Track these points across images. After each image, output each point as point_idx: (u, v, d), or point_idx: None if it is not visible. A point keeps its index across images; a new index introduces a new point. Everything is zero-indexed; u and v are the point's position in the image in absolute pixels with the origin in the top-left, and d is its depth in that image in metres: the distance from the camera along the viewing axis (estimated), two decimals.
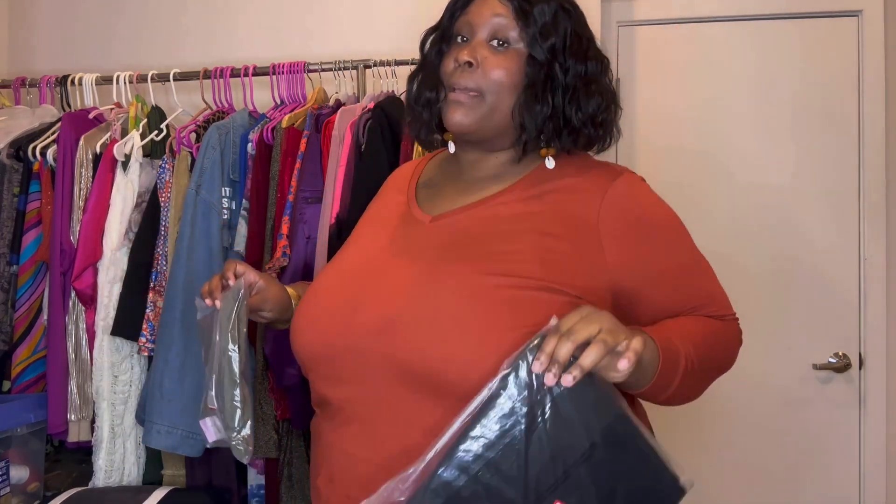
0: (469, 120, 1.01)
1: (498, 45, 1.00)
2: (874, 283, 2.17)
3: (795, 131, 2.22)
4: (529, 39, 0.99)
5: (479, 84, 0.99)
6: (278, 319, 1.16)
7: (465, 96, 1.00)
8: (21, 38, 2.46)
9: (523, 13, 0.99)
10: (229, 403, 1.03)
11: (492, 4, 1.01)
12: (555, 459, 0.81)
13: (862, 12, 2.18)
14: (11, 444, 1.73)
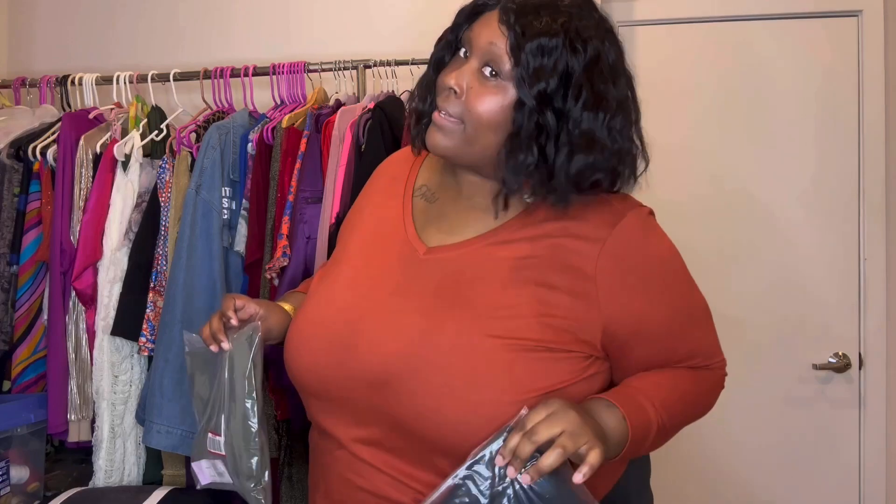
0: (446, 144, 0.94)
1: (490, 75, 0.90)
2: (874, 283, 2.17)
3: (795, 131, 2.22)
4: (518, 79, 0.87)
5: (460, 113, 0.92)
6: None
7: (447, 121, 0.93)
8: (21, 38, 2.46)
9: (516, 48, 0.87)
10: (246, 451, 1.00)
11: (491, 29, 0.90)
12: None
13: (862, 12, 2.18)
14: (11, 444, 1.73)
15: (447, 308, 0.94)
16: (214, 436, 1.03)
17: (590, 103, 0.88)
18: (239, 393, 1.00)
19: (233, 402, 1.00)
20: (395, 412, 0.92)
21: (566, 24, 0.87)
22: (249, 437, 1.00)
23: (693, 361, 1.04)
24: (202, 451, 1.04)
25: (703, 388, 1.06)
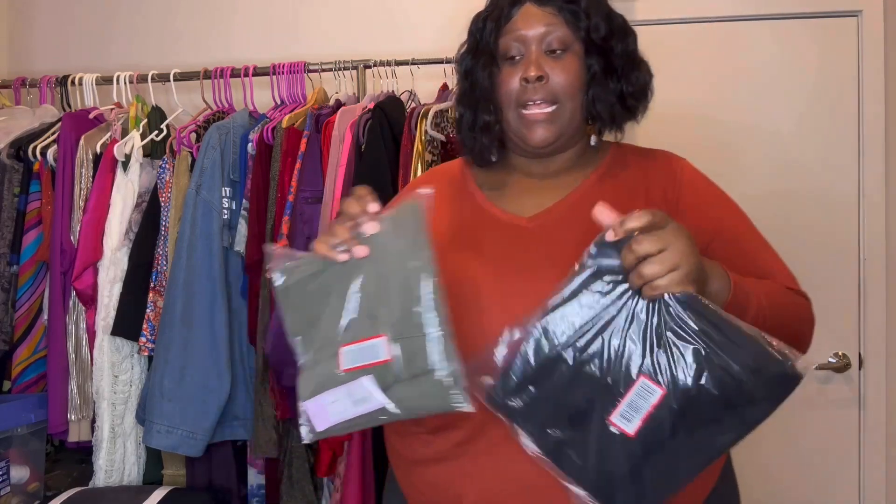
0: (551, 133, 1.02)
1: (556, 53, 1.01)
2: (874, 283, 2.17)
3: (795, 131, 2.22)
4: (584, 35, 1.02)
5: (553, 94, 1.01)
6: None
7: (542, 112, 1.01)
8: (21, 38, 2.46)
9: (572, 14, 1.01)
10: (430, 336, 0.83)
11: (537, 16, 1.01)
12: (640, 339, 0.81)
13: (862, 12, 2.18)
14: (12, 444, 1.73)
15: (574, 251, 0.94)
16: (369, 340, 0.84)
17: (622, 34, 1.05)
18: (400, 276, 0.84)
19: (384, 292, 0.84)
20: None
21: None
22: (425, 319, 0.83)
23: (778, 279, 1.04)
24: (323, 382, 0.85)
25: (799, 302, 1.03)
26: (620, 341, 0.81)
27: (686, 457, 0.83)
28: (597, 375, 0.82)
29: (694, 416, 0.81)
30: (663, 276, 0.78)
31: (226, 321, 1.72)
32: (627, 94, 1.05)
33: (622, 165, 1.08)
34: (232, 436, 1.77)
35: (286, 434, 1.77)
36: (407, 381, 0.83)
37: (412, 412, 0.86)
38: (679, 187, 1.04)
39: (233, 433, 1.77)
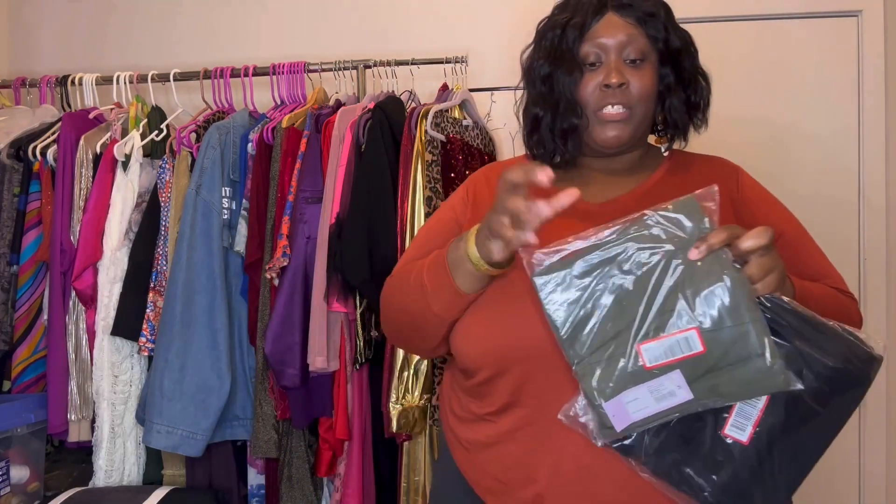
0: (625, 134, 1.06)
1: (634, 62, 1.06)
2: (874, 283, 2.17)
3: (795, 131, 2.22)
4: (661, 46, 1.08)
5: (629, 101, 1.05)
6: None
7: (619, 114, 1.05)
8: (21, 38, 2.46)
9: (650, 26, 1.07)
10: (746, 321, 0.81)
11: (619, 25, 1.06)
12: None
13: (862, 12, 2.18)
14: (12, 444, 1.73)
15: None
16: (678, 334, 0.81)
17: (689, 48, 1.12)
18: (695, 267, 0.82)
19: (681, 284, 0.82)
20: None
21: (657, 2, 1.11)
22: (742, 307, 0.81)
23: (830, 282, 1.09)
24: (622, 380, 0.82)
25: (848, 305, 1.08)
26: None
27: (799, 451, 0.86)
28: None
29: (799, 412, 0.84)
30: (762, 279, 0.84)
31: (226, 321, 1.72)
32: (693, 105, 1.12)
33: (683, 168, 1.14)
34: (232, 436, 1.77)
35: (286, 434, 1.77)
36: (722, 371, 0.82)
37: (727, 399, 0.84)
38: (740, 191, 1.10)
39: (233, 433, 1.77)
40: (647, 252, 0.83)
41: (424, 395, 1.68)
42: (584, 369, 0.85)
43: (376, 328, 1.70)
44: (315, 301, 1.68)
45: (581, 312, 0.84)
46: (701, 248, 0.82)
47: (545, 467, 0.97)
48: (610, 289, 0.84)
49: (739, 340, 0.81)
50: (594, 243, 0.84)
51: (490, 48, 2.19)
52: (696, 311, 0.81)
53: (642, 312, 0.83)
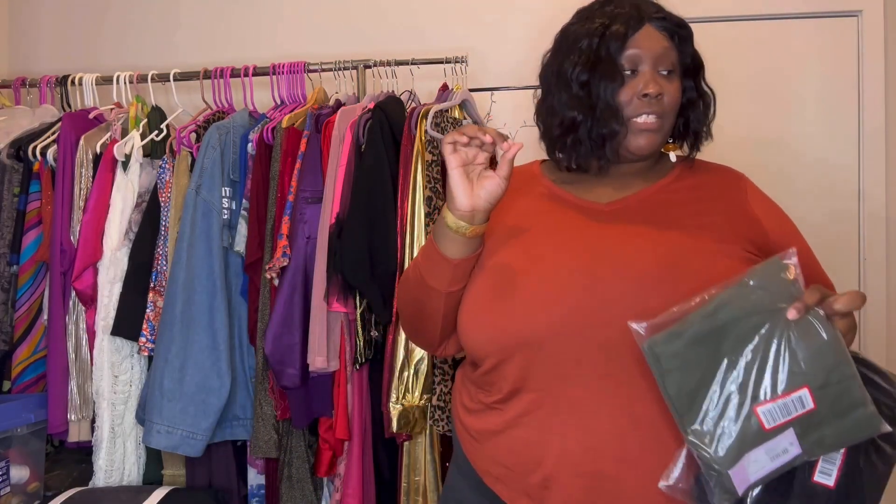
0: (655, 144, 1.09)
1: (667, 74, 1.10)
2: (874, 283, 2.17)
3: (795, 131, 2.22)
4: (685, 61, 1.12)
5: (662, 111, 1.08)
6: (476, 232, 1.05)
7: (652, 122, 1.08)
8: (21, 38, 2.46)
9: (680, 40, 1.11)
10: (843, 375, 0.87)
11: (655, 37, 1.10)
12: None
13: (862, 12, 2.18)
14: (12, 444, 1.73)
15: (668, 230, 1.04)
16: (791, 394, 0.86)
17: (702, 66, 1.16)
18: (791, 327, 0.86)
19: (781, 346, 0.86)
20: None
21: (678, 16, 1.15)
22: (843, 361, 0.87)
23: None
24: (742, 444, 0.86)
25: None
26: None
27: (874, 490, 0.92)
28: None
29: (873, 451, 0.91)
30: (847, 334, 0.90)
31: (226, 321, 1.72)
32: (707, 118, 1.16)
33: (691, 174, 1.15)
34: (232, 436, 1.77)
35: (286, 434, 1.77)
36: (828, 423, 0.87)
37: (829, 450, 0.89)
38: (748, 201, 1.12)
39: (233, 433, 1.77)
40: (750, 317, 0.88)
41: (424, 395, 1.68)
42: (701, 438, 0.88)
43: (376, 328, 1.70)
44: (315, 301, 1.68)
45: (692, 381, 0.88)
46: (799, 307, 0.86)
47: (552, 450, 0.99)
48: (718, 356, 0.88)
49: (844, 394, 0.87)
50: (700, 313, 0.89)
51: (490, 48, 2.20)
52: (805, 369, 0.86)
53: (755, 376, 0.87)
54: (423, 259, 1.10)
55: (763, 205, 1.13)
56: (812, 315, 0.87)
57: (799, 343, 0.87)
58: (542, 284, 1.01)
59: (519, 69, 2.19)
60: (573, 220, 1.08)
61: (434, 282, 1.08)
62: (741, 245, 1.03)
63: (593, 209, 1.09)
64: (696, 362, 0.88)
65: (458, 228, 1.02)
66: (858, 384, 0.87)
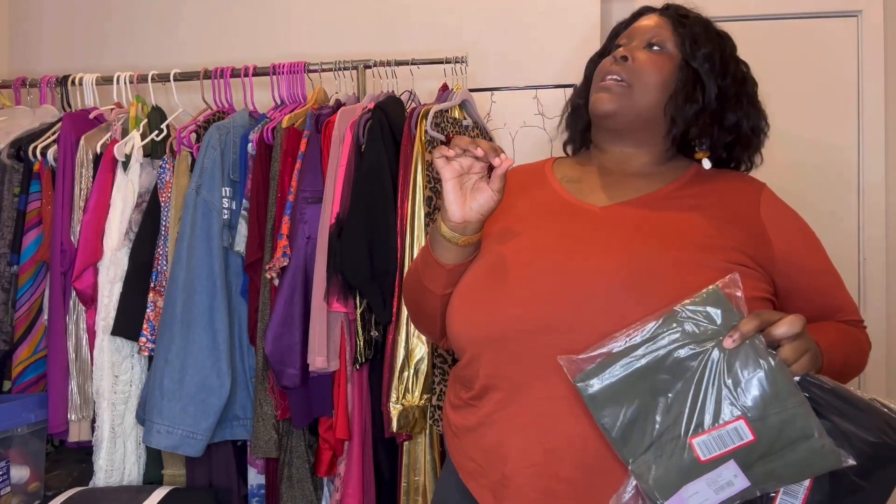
0: (612, 105, 1.08)
1: (653, 49, 1.10)
2: (874, 283, 2.17)
3: (795, 131, 2.22)
4: (682, 45, 1.09)
5: (628, 75, 1.07)
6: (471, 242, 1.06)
7: (612, 83, 1.08)
8: (21, 38, 2.46)
9: (679, 23, 1.11)
10: (790, 407, 0.84)
11: (653, 20, 1.13)
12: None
13: (862, 12, 2.18)
14: (12, 444, 1.73)
15: (647, 237, 1.01)
16: (727, 426, 0.84)
17: (744, 76, 1.14)
18: (729, 356, 0.86)
19: (716, 376, 0.86)
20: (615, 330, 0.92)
21: (709, 23, 1.15)
22: (784, 391, 0.84)
23: (845, 315, 1.12)
24: (679, 476, 0.86)
25: (860, 339, 1.13)
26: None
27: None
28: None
29: (844, 487, 0.86)
30: (797, 361, 0.87)
31: (226, 321, 1.72)
32: (724, 118, 1.11)
33: (704, 180, 1.11)
34: (232, 436, 1.78)
35: (286, 434, 1.77)
36: (775, 455, 0.85)
37: (783, 482, 0.87)
38: (760, 211, 1.07)
39: (233, 433, 1.77)
40: (684, 348, 0.87)
41: (424, 395, 1.68)
42: (641, 468, 0.88)
43: (376, 328, 1.70)
44: (315, 301, 1.68)
45: (628, 413, 0.88)
46: (735, 336, 0.85)
47: (513, 450, 0.99)
48: (653, 387, 0.87)
49: (787, 425, 0.84)
50: (630, 344, 0.88)
51: (490, 48, 2.20)
52: (740, 400, 0.85)
53: (689, 407, 0.86)
54: (420, 262, 1.12)
55: (777, 216, 1.08)
56: (751, 343, 0.85)
57: (735, 373, 0.85)
58: (515, 285, 1.01)
59: (519, 69, 2.19)
60: (562, 223, 1.08)
61: (430, 284, 1.10)
62: (726, 255, 0.99)
63: (587, 212, 1.08)
64: (630, 395, 0.87)
65: (451, 238, 1.03)
66: (804, 414, 0.84)
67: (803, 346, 0.87)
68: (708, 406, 0.85)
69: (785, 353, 0.86)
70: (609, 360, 0.88)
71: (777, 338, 0.86)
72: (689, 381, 0.86)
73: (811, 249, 1.10)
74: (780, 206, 1.11)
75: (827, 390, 0.87)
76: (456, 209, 1.01)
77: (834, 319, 1.10)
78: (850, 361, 1.07)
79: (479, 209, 1.01)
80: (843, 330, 1.09)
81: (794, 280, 1.05)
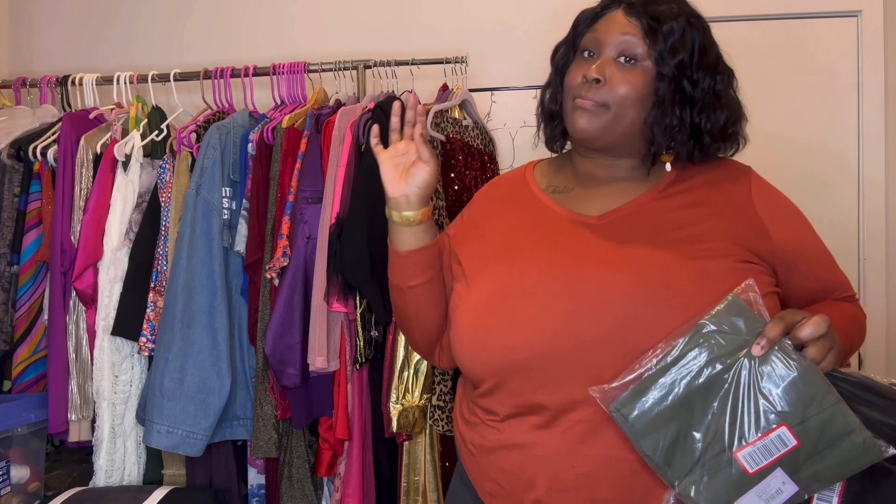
0: (593, 127, 1.03)
1: (625, 62, 1.03)
2: (874, 283, 2.17)
3: (795, 131, 2.22)
4: (657, 57, 1.02)
5: (605, 99, 1.02)
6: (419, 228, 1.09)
7: (591, 104, 1.03)
8: (21, 38, 2.46)
9: (652, 31, 1.01)
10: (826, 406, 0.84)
11: (620, 22, 1.03)
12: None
13: (862, 12, 2.18)
14: (12, 444, 1.73)
15: (653, 247, 0.99)
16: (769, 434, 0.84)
17: (712, 68, 1.06)
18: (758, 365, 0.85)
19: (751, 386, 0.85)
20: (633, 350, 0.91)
21: (681, 8, 1.05)
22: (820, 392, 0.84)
23: (841, 293, 1.12)
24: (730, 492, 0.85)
25: (859, 315, 1.12)
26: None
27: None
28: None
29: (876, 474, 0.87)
30: (824, 359, 0.87)
31: (226, 321, 1.72)
32: (704, 131, 1.06)
33: (688, 174, 1.08)
34: (232, 436, 1.78)
35: (286, 434, 1.77)
36: (819, 456, 0.85)
37: (829, 482, 0.87)
38: (752, 196, 1.06)
39: (233, 433, 1.77)
40: (714, 362, 0.86)
41: (424, 395, 1.68)
42: (687, 489, 0.87)
43: (376, 328, 1.70)
44: (315, 301, 1.68)
45: (668, 436, 0.87)
46: (762, 342, 0.85)
47: (544, 473, 0.97)
48: (689, 407, 0.86)
49: (827, 425, 0.84)
50: (661, 367, 0.87)
51: (490, 48, 2.20)
52: (779, 407, 0.85)
53: (729, 421, 0.85)
54: (389, 262, 1.15)
55: (769, 203, 1.07)
56: (779, 348, 0.85)
57: (769, 380, 0.85)
58: (528, 310, 0.98)
59: (519, 69, 2.19)
60: (562, 238, 1.05)
61: (395, 278, 1.12)
62: (736, 256, 0.98)
63: (584, 224, 1.05)
64: (668, 417, 0.87)
65: (397, 219, 1.08)
66: (843, 412, 0.84)
67: (828, 343, 0.88)
68: (748, 417, 0.85)
69: (812, 353, 0.86)
70: (641, 385, 0.88)
71: (803, 340, 0.86)
72: (725, 395, 0.86)
73: (804, 232, 1.09)
74: (770, 191, 1.10)
75: (854, 383, 0.87)
76: (391, 186, 1.07)
77: (832, 298, 1.10)
78: (856, 342, 1.08)
79: (417, 182, 1.06)
80: (844, 310, 1.08)
81: (794, 266, 1.05)
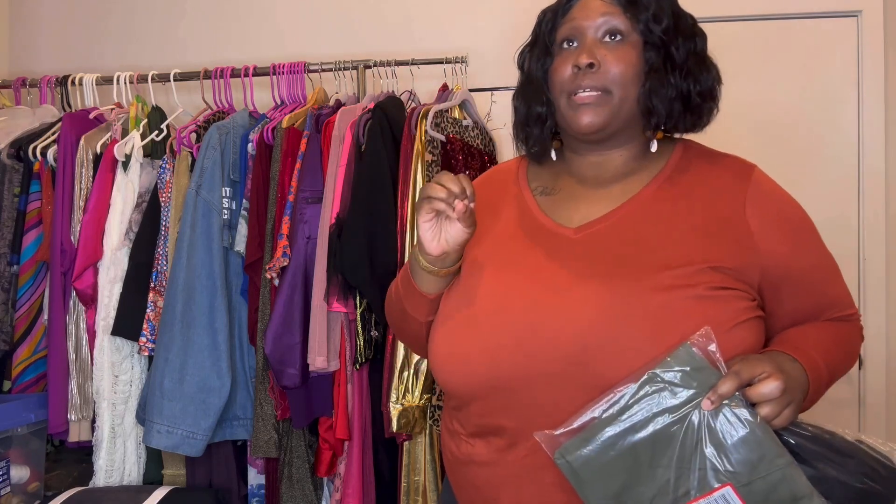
0: (600, 119, 0.99)
1: (612, 39, 1.00)
2: (874, 283, 2.17)
3: (795, 131, 2.22)
4: (643, 27, 1.00)
5: (604, 83, 0.98)
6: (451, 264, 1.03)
7: (592, 96, 0.99)
8: (21, 38, 2.46)
9: (631, 4, 1.00)
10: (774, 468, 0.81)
11: (595, 6, 1.01)
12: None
13: (862, 12, 2.18)
14: (12, 444, 1.73)
15: (619, 274, 0.94)
16: (713, 493, 0.81)
17: (688, 33, 1.05)
18: (708, 421, 0.82)
19: (696, 443, 0.82)
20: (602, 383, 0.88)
21: None
22: (770, 452, 0.81)
23: (835, 312, 1.06)
24: None
25: (848, 339, 1.08)
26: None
27: None
28: None
29: None
30: (779, 415, 0.83)
31: (226, 321, 1.72)
32: (694, 93, 1.02)
33: (685, 171, 1.03)
34: (232, 436, 1.78)
35: (286, 434, 1.77)
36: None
37: None
38: (746, 202, 1.00)
39: (233, 433, 1.77)
40: (663, 414, 0.83)
41: (424, 395, 1.68)
42: None
43: (376, 328, 1.70)
44: (315, 301, 1.68)
45: (613, 486, 0.85)
46: (713, 398, 0.81)
47: (507, 494, 0.97)
48: (636, 458, 0.83)
49: (778, 487, 0.81)
50: (609, 415, 0.84)
51: (490, 48, 2.19)
52: (726, 465, 0.81)
53: (675, 476, 0.82)
54: (402, 288, 1.09)
55: (764, 212, 1.00)
56: (731, 403, 0.81)
57: (718, 436, 0.81)
58: (487, 334, 0.96)
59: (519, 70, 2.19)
60: (535, 255, 1.01)
61: (413, 311, 1.08)
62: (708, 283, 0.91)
63: (560, 237, 1.01)
64: (614, 468, 0.84)
65: (431, 270, 1.02)
66: (793, 475, 0.81)
67: (784, 400, 0.83)
68: (693, 473, 0.82)
69: (766, 411, 0.82)
70: (588, 433, 0.84)
71: (757, 400, 0.82)
72: (672, 449, 0.82)
73: (801, 245, 1.02)
74: (769, 197, 1.02)
75: (809, 437, 0.84)
76: (432, 244, 0.99)
77: (824, 317, 1.05)
78: (839, 370, 1.03)
79: (453, 242, 0.99)
80: (831, 333, 1.03)
81: (783, 283, 0.99)
